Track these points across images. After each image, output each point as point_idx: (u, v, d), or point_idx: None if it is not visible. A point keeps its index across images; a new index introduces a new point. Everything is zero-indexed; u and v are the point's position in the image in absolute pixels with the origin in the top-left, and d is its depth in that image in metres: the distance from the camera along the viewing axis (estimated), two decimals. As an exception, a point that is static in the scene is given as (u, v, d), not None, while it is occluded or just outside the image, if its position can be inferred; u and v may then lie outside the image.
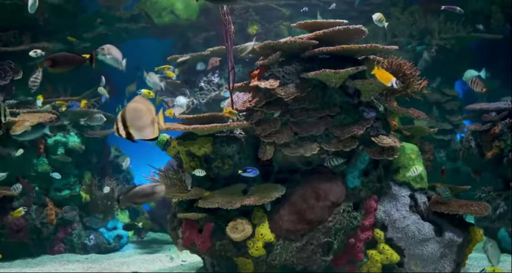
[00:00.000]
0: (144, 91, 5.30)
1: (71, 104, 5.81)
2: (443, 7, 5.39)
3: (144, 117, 2.54)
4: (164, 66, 6.25)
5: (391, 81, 3.33)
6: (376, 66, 3.40)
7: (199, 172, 3.89)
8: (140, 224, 5.84)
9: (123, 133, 2.50)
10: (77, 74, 6.54)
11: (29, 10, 4.37)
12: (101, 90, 5.85)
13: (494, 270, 3.59)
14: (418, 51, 7.05)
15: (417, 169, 4.01)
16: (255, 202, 3.61)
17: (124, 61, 4.35)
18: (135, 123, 2.50)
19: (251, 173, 3.75)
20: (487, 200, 5.26)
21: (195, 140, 3.94)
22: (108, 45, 4.30)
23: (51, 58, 3.44)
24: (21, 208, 5.25)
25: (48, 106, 5.69)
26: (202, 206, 3.74)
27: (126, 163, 6.51)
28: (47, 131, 5.26)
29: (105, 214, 5.92)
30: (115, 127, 2.51)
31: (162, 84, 5.58)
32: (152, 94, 5.32)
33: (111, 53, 4.18)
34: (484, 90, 4.67)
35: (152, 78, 5.40)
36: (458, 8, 5.27)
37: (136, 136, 2.52)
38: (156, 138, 2.66)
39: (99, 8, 7.03)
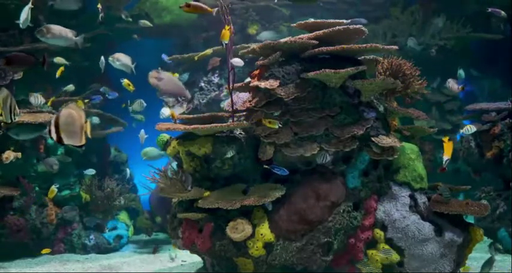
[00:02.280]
0: (125, 81, 5.21)
1: (93, 98, 5.81)
2: (489, 9, 5.43)
3: (75, 124, 2.76)
4: (205, 51, 6.05)
5: (446, 157, 3.68)
6: (446, 138, 3.60)
7: (231, 153, 3.87)
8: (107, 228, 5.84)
9: (54, 136, 2.69)
10: (78, 74, 6.56)
11: (20, 26, 4.32)
12: (58, 59, 5.44)
13: (462, 269, 3.67)
14: (418, 51, 7.05)
15: (471, 128, 4.00)
16: (255, 202, 3.61)
17: (80, 38, 4.26)
18: (66, 129, 2.71)
19: (280, 171, 3.71)
20: (487, 200, 5.26)
21: (195, 141, 3.94)
22: (47, 25, 4.26)
23: (5, 57, 3.56)
24: (53, 186, 5.31)
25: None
26: (202, 206, 3.74)
27: (142, 136, 5.97)
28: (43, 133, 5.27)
29: (105, 214, 5.92)
30: (48, 129, 2.72)
31: (133, 66, 5.09)
32: (132, 87, 5.21)
33: (51, 32, 4.11)
34: (459, 88, 4.80)
35: (120, 59, 4.91)
36: (503, 13, 5.36)
37: (65, 140, 2.73)
38: (83, 146, 2.87)
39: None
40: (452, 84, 4.86)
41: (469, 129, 3.99)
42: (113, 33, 7.03)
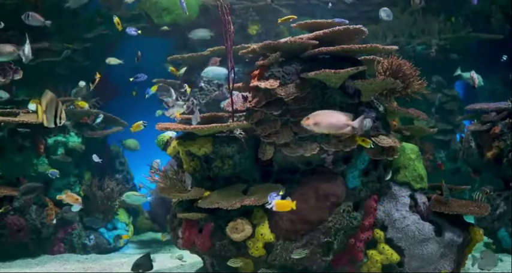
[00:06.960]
0: (116, 19, 5.40)
1: (138, 76, 5.76)
2: None
3: None
4: (288, 16, 5.75)
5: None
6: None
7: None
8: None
9: None
10: (78, 75, 6.56)
11: (24, 61, 4.44)
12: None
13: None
14: (418, 51, 7.06)
15: None
16: (255, 202, 3.61)
17: (22, 51, 4.36)
18: None
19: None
20: (486, 199, 5.26)
21: (195, 141, 3.94)
22: None
23: None
24: (141, 122, 5.11)
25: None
26: (202, 206, 3.74)
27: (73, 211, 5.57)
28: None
29: (105, 214, 5.91)
30: None
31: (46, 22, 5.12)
32: (120, 26, 5.24)
33: None
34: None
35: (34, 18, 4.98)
36: None
37: None
38: None
39: (99, 8, 7.04)
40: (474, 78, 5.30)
41: None
42: (113, 33, 7.02)
